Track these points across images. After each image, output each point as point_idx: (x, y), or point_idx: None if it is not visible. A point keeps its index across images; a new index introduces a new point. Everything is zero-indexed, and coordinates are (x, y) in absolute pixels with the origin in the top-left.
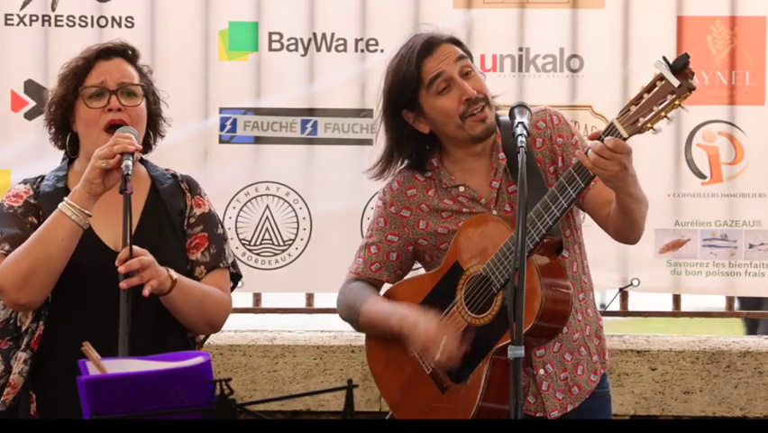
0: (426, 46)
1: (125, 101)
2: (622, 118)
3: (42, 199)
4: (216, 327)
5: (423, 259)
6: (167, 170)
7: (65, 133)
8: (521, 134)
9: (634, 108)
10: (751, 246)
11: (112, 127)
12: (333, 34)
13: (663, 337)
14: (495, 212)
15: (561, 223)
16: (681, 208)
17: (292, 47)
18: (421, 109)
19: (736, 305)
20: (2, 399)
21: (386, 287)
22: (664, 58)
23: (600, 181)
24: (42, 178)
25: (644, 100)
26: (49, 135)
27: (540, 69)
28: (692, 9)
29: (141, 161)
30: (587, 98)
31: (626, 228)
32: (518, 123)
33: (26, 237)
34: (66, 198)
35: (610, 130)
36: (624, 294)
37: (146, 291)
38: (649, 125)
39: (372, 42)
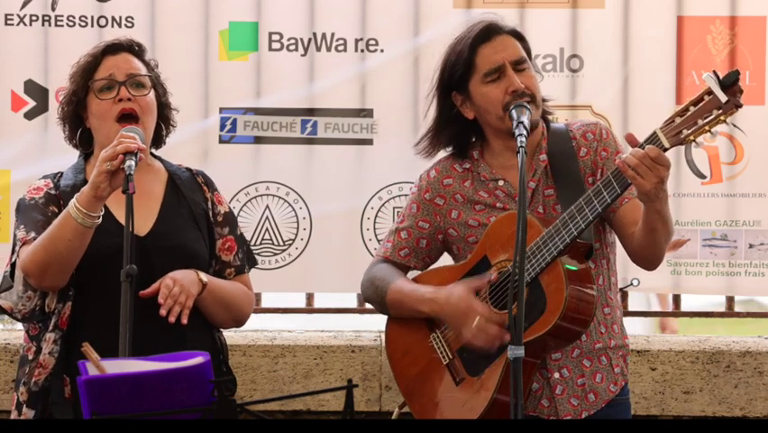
0: (485, 33)
1: (135, 91)
2: (665, 128)
3: (63, 192)
4: (241, 323)
5: (451, 250)
6: (179, 165)
7: (76, 129)
8: (521, 135)
9: (678, 120)
10: (751, 246)
11: (124, 117)
12: (333, 34)
13: (663, 337)
14: (527, 211)
15: (592, 234)
16: (681, 208)
17: (292, 47)
18: (469, 94)
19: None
20: (33, 379)
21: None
22: (714, 72)
23: (632, 201)
24: (61, 174)
25: (689, 113)
26: (63, 135)
27: (540, 68)
28: (692, 9)
29: (157, 157)
30: (587, 98)
31: (647, 249)
32: (518, 123)
33: (49, 223)
34: (75, 198)
35: (652, 139)
36: (624, 294)
37: (185, 319)
38: (692, 138)
39: (372, 42)
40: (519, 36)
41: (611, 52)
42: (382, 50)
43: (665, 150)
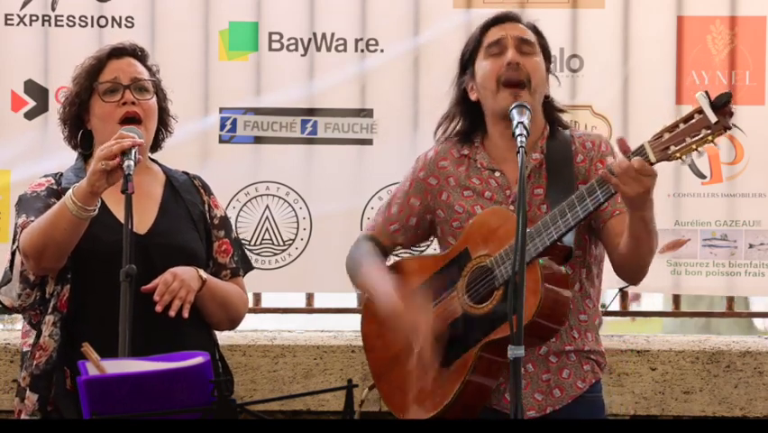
0: (500, 17)
1: (138, 95)
2: (654, 143)
3: (65, 189)
4: (236, 324)
5: (435, 232)
6: (176, 170)
7: (77, 131)
8: (521, 134)
9: (667, 135)
10: (751, 246)
11: (126, 120)
12: (333, 34)
13: (663, 337)
14: (512, 207)
15: (574, 240)
16: (681, 208)
17: (292, 47)
18: (474, 72)
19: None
20: (35, 363)
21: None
22: (707, 92)
23: (623, 214)
24: (61, 174)
25: (678, 129)
26: (63, 135)
27: None
28: (692, 9)
29: (154, 161)
30: (587, 98)
31: (630, 260)
32: (518, 123)
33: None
34: (72, 190)
35: (639, 151)
36: (624, 294)
37: (186, 313)
38: (678, 155)
39: (372, 42)
40: (537, 31)
41: (611, 52)
42: (382, 50)
43: (651, 164)
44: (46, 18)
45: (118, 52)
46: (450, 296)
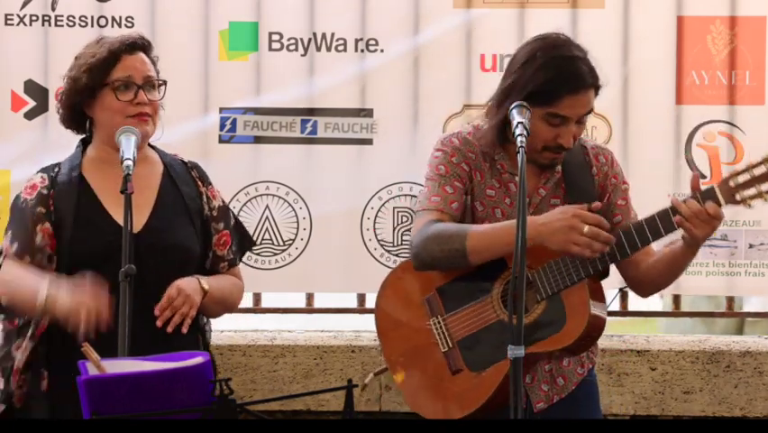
0: (580, 85)
1: (150, 95)
2: (722, 187)
3: (57, 188)
4: (232, 312)
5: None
6: (174, 155)
7: (77, 116)
8: (521, 135)
9: (737, 180)
10: (751, 246)
11: (135, 117)
12: (333, 34)
13: (663, 337)
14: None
15: None
16: None
17: (292, 47)
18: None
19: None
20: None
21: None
22: None
23: None
24: (59, 166)
25: (747, 176)
26: (58, 116)
27: None
28: (692, 9)
29: (151, 146)
30: None
31: (663, 279)
32: (518, 123)
33: (31, 237)
34: (44, 296)
35: (709, 194)
36: (624, 294)
37: (185, 329)
38: (749, 202)
39: (372, 42)
40: (598, 88)
41: (611, 52)
42: (382, 50)
43: (719, 206)
44: (46, 18)
45: (130, 47)
46: (483, 301)
